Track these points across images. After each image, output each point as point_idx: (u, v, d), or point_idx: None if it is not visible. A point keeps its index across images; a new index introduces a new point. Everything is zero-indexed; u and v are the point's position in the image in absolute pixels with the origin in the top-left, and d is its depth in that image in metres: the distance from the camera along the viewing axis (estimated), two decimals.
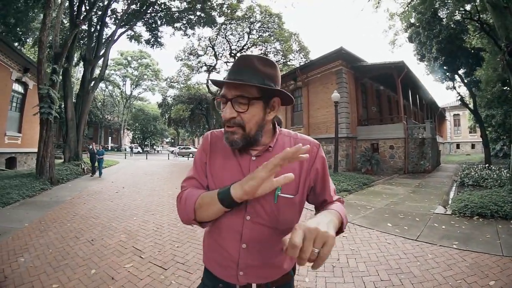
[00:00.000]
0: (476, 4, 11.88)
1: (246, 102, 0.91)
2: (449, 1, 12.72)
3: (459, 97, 18.16)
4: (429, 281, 2.90)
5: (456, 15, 13.14)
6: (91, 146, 12.23)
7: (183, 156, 31.53)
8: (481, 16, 12.21)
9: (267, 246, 0.97)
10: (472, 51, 14.14)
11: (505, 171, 9.35)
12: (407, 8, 14.02)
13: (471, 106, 17.84)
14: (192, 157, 30.20)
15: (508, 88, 14.66)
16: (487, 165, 12.16)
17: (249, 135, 0.93)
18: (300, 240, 0.64)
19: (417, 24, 14.39)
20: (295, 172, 0.95)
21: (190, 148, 35.51)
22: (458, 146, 40.16)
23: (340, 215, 0.87)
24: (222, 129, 1.08)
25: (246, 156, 0.99)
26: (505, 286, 2.76)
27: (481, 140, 17.46)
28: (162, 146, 55.74)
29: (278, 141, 1.02)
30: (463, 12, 12.92)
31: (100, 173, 11.81)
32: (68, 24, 14.37)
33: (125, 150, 34.39)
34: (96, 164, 11.89)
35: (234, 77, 0.91)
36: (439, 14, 13.63)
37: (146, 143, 49.24)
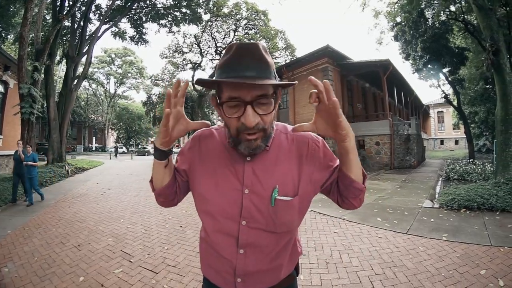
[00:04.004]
0: (461, 5, 12.18)
1: (269, 102, 0.79)
2: (435, 2, 13.00)
3: (443, 94, 18.63)
4: (422, 273, 2.95)
5: (441, 16, 13.44)
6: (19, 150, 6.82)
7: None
8: (465, 17, 12.55)
9: (266, 250, 0.91)
10: (457, 50, 14.49)
11: (489, 165, 9.67)
12: (393, 7, 14.24)
13: (455, 103, 18.31)
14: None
15: (491, 86, 15.10)
16: (471, 160, 12.54)
17: (267, 135, 0.85)
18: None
19: (403, 23, 14.63)
20: (292, 173, 0.90)
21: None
22: (442, 142, 41.35)
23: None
24: (214, 127, 1.01)
25: (240, 157, 0.90)
26: (495, 274, 2.85)
27: (465, 136, 17.99)
28: (149, 145, 54.75)
29: (275, 139, 0.92)
30: (449, 12, 13.22)
31: (40, 194, 7.07)
32: (50, 19, 13.88)
33: (111, 151, 33.54)
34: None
35: (250, 74, 0.75)
36: (425, 14, 13.90)
37: (131, 142, 48.39)
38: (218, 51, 22.41)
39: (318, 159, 0.93)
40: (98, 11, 16.38)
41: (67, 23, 14.15)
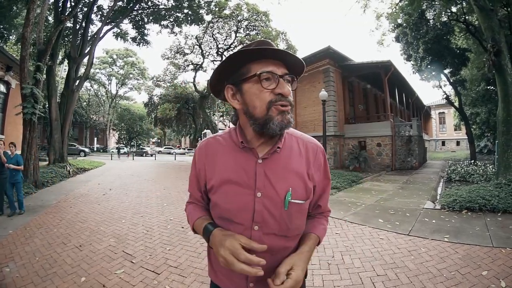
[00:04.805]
0: (463, 6, 12.16)
1: (292, 80, 0.89)
2: (436, 3, 12.98)
3: (445, 95, 18.61)
4: (424, 274, 2.95)
5: (442, 17, 13.43)
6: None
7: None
8: (467, 17, 12.54)
9: (278, 254, 0.91)
10: (458, 51, 14.49)
11: (490, 166, 9.66)
12: (394, 9, 14.24)
13: (456, 104, 18.28)
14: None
15: (493, 87, 15.08)
16: (472, 161, 12.53)
17: (291, 116, 0.90)
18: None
19: (404, 25, 14.64)
20: (303, 176, 0.92)
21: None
22: (443, 143, 41.26)
23: (320, 240, 0.98)
24: (217, 134, 1.03)
25: (251, 159, 0.91)
26: (497, 275, 2.84)
27: (466, 137, 17.97)
28: (149, 146, 54.41)
29: (286, 141, 0.94)
30: (450, 13, 13.21)
31: (21, 206, 5.82)
32: (52, 20, 13.92)
33: (113, 151, 33.48)
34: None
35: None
36: (426, 15, 13.89)
37: (132, 143, 48.41)
38: (219, 53, 22.38)
39: (320, 166, 0.97)
40: (100, 12, 16.44)
41: (69, 24, 14.22)
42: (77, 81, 14.16)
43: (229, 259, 0.76)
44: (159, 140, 64.72)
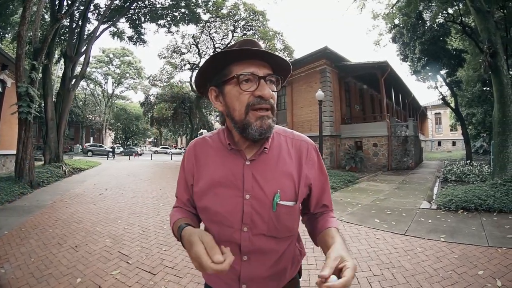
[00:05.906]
0: (459, 8, 12.24)
1: (276, 81, 0.86)
2: (433, 4, 13.05)
3: (441, 96, 18.68)
4: (420, 274, 2.95)
5: (439, 18, 13.52)
6: None
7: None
8: (463, 19, 12.62)
9: (269, 255, 0.90)
10: (454, 52, 14.55)
11: (486, 166, 9.72)
12: (391, 9, 14.29)
13: (452, 105, 18.37)
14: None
15: (488, 88, 15.18)
16: (468, 161, 12.58)
17: (274, 120, 0.87)
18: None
19: (401, 25, 14.68)
20: (293, 176, 0.90)
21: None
22: (439, 144, 41.53)
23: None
24: (206, 134, 1.02)
25: (238, 161, 0.89)
26: (493, 274, 2.86)
27: (462, 137, 18.07)
28: (145, 146, 53.82)
29: (274, 141, 0.93)
30: (446, 15, 13.29)
31: None
32: (49, 19, 13.82)
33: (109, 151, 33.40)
34: None
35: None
36: (423, 16, 13.96)
37: (128, 143, 48.22)
38: (216, 52, 22.36)
39: (313, 163, 0.96)
40: (97, 11, 16.31)
41: (65, 23, 14.08)
42: (73, 80, 14.03)
43: (202, 270, 0.68)
44: (155, 140, 64.54)
